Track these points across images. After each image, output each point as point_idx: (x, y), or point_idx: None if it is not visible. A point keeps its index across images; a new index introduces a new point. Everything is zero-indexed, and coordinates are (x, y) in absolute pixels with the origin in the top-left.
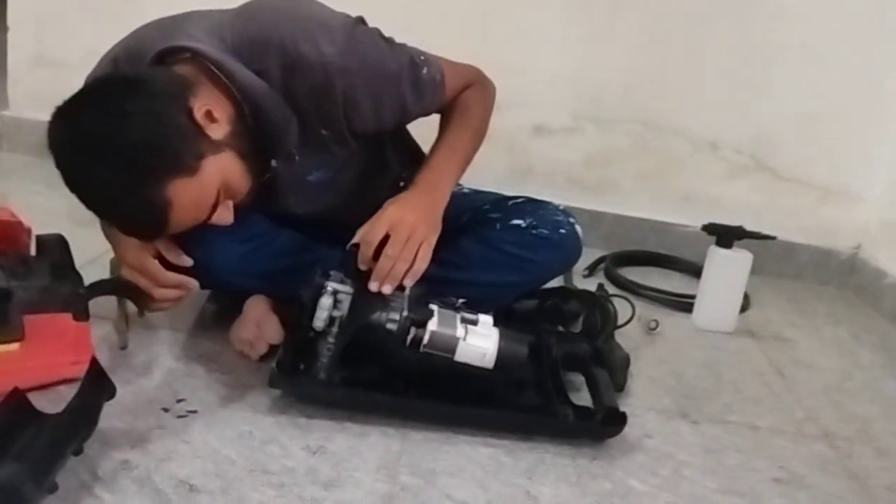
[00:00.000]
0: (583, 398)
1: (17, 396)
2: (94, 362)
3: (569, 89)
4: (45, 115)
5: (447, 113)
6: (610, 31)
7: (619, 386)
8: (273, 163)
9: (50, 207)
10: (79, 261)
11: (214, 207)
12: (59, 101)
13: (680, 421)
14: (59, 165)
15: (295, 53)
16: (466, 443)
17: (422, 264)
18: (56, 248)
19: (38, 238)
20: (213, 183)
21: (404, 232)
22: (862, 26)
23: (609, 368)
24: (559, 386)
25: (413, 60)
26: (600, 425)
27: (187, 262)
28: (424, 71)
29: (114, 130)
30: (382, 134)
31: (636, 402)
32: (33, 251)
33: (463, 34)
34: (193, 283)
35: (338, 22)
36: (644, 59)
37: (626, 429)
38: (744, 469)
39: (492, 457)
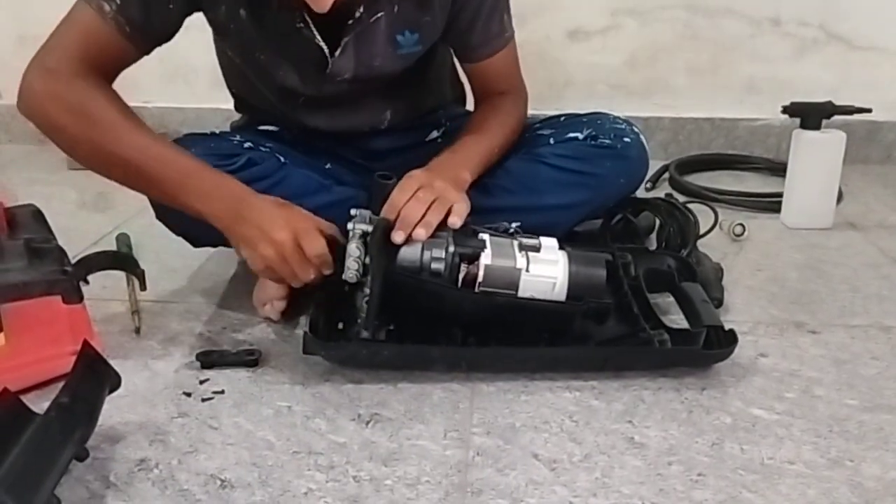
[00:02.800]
0: (676, 322)
1: (7, 399)
2: (86, 347)
3: None
4: None
5: (489, 106)
6: None
7: (717, 301)
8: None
9: (51, 194)
10: (83, 244)
11: None
12: None
13: (796, 332)
14: None
15: None
16: (547, 389)
17: (465, 208)
18: (30, 222)
19: (7, 212)
20: None
21: (433, 192)
22: None
23: (700, 282)
24: (647, 309)
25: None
26: (705, 348)
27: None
28: (506, 16)
29: None
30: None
31: (739, 317)
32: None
33: None
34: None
35: None
36: None
37: (736, 349)
38: (886, 378)
39: (580, 402)
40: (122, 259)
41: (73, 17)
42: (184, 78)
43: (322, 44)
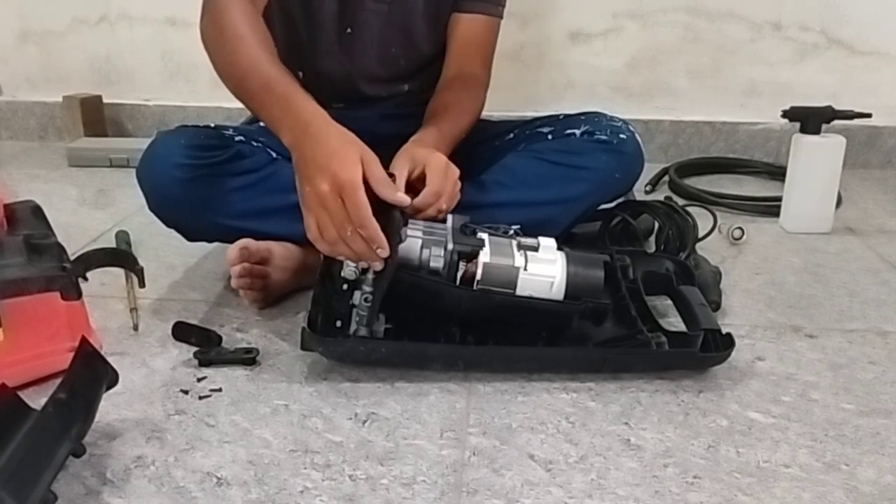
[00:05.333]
0: (674, 325)
1: (5, 395)
2: (84, 343)
3: None
4: (40, 96)
5: (462, 86)
6: None
7: (715, 304)
8: None
9: (51, 191)
10: (82, 241)
11: None
12: (50, 79)
13: (793, 336)
14: None
15: None
16: (544, 390)
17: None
18: (30, 218)
19: (6, 208)
20: None
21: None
22: None
23: (699, 286)
24: (645, 311)
25: None
26: (702, 351)
27: (404, 200)
28: None
29: None
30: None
31: (736, 320)
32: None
33: None
34: (384, 250)
35: None
36: None
37: (733, 353)
38: (882, 383)
39: (576, 403)
40: (121, 256)
41: None
42: (185, 76)
43: None
